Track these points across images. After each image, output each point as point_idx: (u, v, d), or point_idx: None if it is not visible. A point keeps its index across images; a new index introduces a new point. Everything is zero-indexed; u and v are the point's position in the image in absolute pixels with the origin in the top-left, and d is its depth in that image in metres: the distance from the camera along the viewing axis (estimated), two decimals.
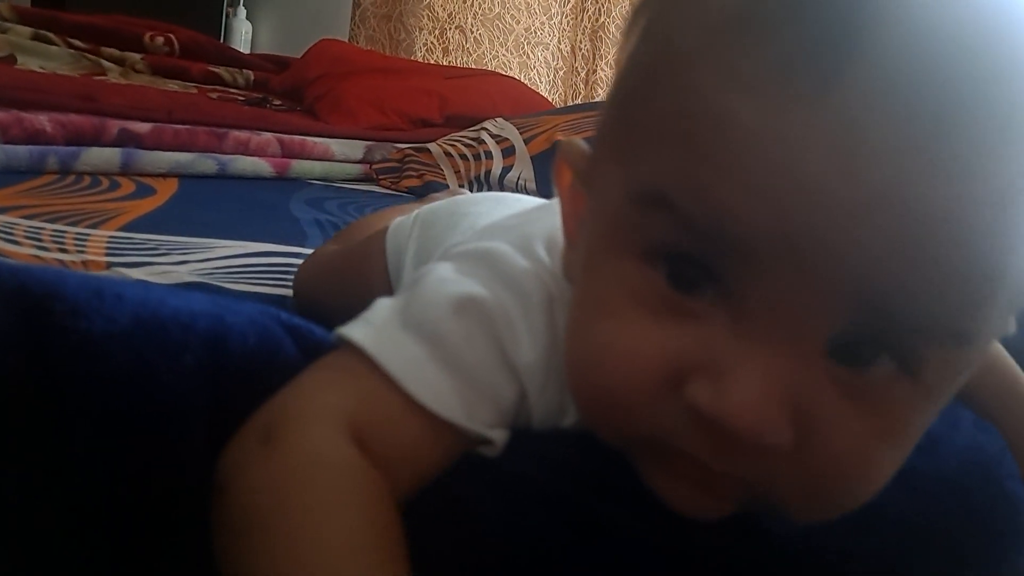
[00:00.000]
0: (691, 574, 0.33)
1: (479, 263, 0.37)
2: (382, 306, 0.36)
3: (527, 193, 1.41)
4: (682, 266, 0.28)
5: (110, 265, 0.77)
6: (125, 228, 0.90)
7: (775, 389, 0.26)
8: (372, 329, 0.35)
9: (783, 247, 0.25)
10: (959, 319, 0.26)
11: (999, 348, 0.46)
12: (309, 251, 0.94)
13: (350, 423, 0.32)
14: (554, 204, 0.43)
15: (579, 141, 0.36)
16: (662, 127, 0.28)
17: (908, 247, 0.24)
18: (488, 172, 1.44)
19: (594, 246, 0.32)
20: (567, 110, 1.66)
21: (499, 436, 0.34)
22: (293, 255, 0.92)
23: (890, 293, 0.25)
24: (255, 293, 0.77)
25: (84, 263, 0.77)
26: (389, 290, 0.65)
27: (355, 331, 0.34)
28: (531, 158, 1.45)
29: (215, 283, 0.77)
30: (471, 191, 1.44)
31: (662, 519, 0.33)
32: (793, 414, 0.27)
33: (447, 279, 0.36)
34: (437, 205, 0.68)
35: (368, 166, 1.52)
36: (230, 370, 0.34)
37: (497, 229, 0.42)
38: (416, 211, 0.69)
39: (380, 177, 1.51)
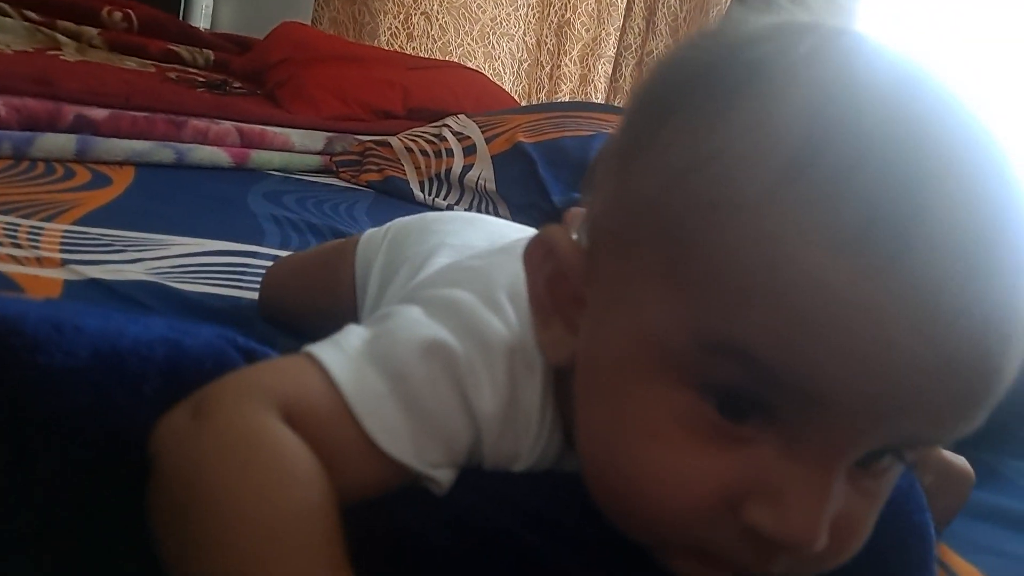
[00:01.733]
0: None
1: (447, 313, 0.38)
2: (353, 333, 0.38)
3: (486, 193, 1.42)
4: (737, 399, 0.29)
5: (65, 262, 0.77)
6: (80, 222, 0.89)
7: (825, 507, 0.29)
8: (342, 355, 0.36)
9: (862, 400, 0.28)
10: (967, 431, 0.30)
11: None
12: (266, 250, 0.95)
13: (283, 406, 0.33)
14: (517, 249, 0.44)
15: (564, 231, 0.37)
16: (734, 276, 0.28)
17: (964, 398, 0.28)
18: (448, 170, 1.45)
19: (622, 363, 0.32)
20: (529, 109, 1.68)
21: (445, 476, 0.36)
22: (250, 254, 0.92)
23: (937, 426, 0.29)
24: (211, 294, 0.78)
25: (39, 259, 0.77)
26: (353, 300, 0.67)
27: (325, 353, 0.36)
28: (492, 158, 1.46)
29: (170, 284, 0.77)
30: (431, 189, 1.45)
31: (596, 558, 0.36)
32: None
33: (418, 321, 0.38)
34: (409, 220, 0.70)
35: (328, 158, 1.52)
36: (187, 395, 0.35)
37: (461, 273, 0.44)
38: (388, 226, 0.70)
39: (340, 169, 1.51)
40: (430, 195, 1.44)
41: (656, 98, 0.34)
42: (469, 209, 1.41)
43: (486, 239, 0.62)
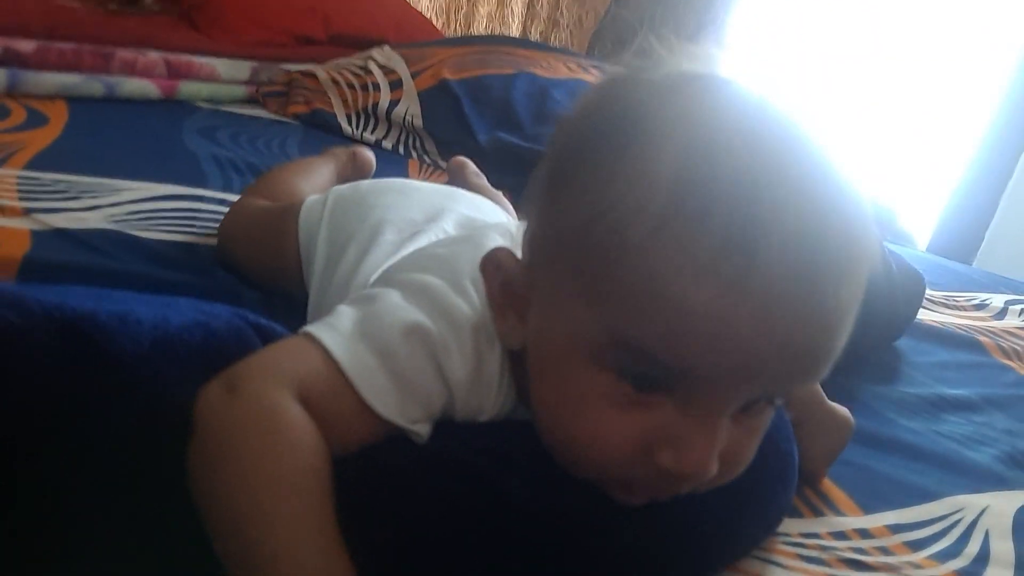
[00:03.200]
0: (561, 532, 0.47)
1: (420, 296, 0.48)
2: (344, 315, 0.47)
3: (413, 129, 1.48)
4: (644, 379, 0.41)
5: (27, 211, 0.82)
6: (30, 166, 0.93)
7: (713, 447, 0.41)
8: (337, 336, 0.45)
9: (726, 376, 0.39)
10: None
11: None
12: (211, 193, 1.00)
13: (298, 387, 0.43)
14: (475, 239, 0.54)
15: (508, 252, 0.47)
16: (632, 297, 0.38)
17: (800, 366, 0.40)
18: (376, 104, 1.50)
19: (561, 353, 0.43)
20: (452, 42, 1.72)
21: (424, 429, 0.46)
22: (196, 198, 0.98)
23: (786, 384, 0.42)
24: (168, 241, 0.84)
25: (1, 208, 0.81)
26: (299, 265, 0.75)
27: (323, 335, 0.45)
28: (418, 94, 1.51)
29: (129, 231, 0.83)
30: (359, 123, 1.50)
31: (546, 487, 0.47)
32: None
33: (400, 306, 0.47)
34: (344, 191, 0.77)
35: (255, 88, 1.54)
36: (217, 367, 0.44)
37: (430, 260, 0.53)
38: (326, 195, 0.78)
39: (267, 100, 1.53)
40: (358, 128, 1.49)
41: (571, 146, 0.44)
42: (396, 144, 1.47)
43: (420, 212, 0.72)
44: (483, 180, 1.09)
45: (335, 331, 0.46)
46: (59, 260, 0.72)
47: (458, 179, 1.10)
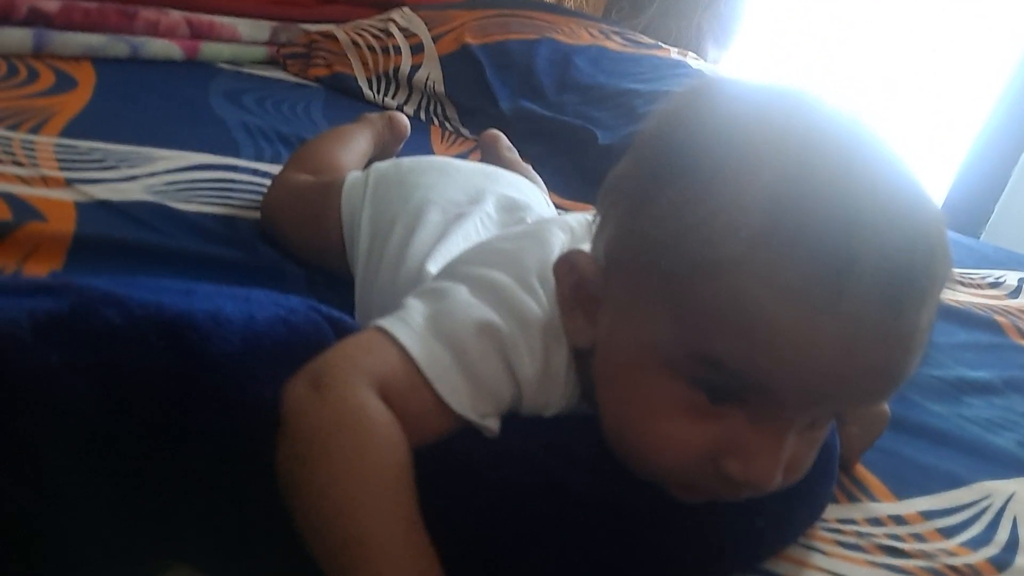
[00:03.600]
0: (620, 524, 0.48)
1: (489, 293, 0.49)
2: (415, 310, 0.48)
3: (435, 95, 1.47)
4: (720, 391, 0.42)
5: (69, 182, 0.82)
6: (65, 133, 0.92)
7: (780, 460, 0.42)
8: (412, 332, 0.47)
9: (804, 395, 0.41)
10: None
11: None
12: (243, 163, 1.00)
13: (379, 384, 0.44)
14: (538, 235, 0.55)
15: (584, 254, 0.47)
16: (719, 313, 0.39)
17: (877, 387, 0.42)
18: (397, 68, 1.49)
19: (635, 357, 0.44)
20: (472, 5, 1.69)
21: (494, 424, 0.48)
22: (230, 168, 0.98)
23: (859, 404, 0.45)
24: (209, 214, 0.84)
25: (44, 179, 0.81)
26: (341, 243, 0.76)
27: (399, 331, 0.46)
28: (440, 58, 1.50)
29: (170, 203, 0.83)
30: (380, 87, 1.49)
31: (607, 481, 0.48)
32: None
33: (470, 304, 0.48)
34: (386, 169, 0.78)
35: (276, 49, 1.52)
36: (300, 362, 0.45)
37: (496, 255, 0.54)
38: (368, 172, 0.78)
39: (288, 61, 1.51)
40: (379, 93, 1.48)
41: (661, 158, 0.44)
42: (417, 111, 1.46)
43: (462, 192, 0.73)
44: (515, 155, 1.09)
45: (408, 327, 0.47)
46: (108, 235, 0.73)
47: (491, 152, 1.10)
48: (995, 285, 1.36)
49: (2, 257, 0.66)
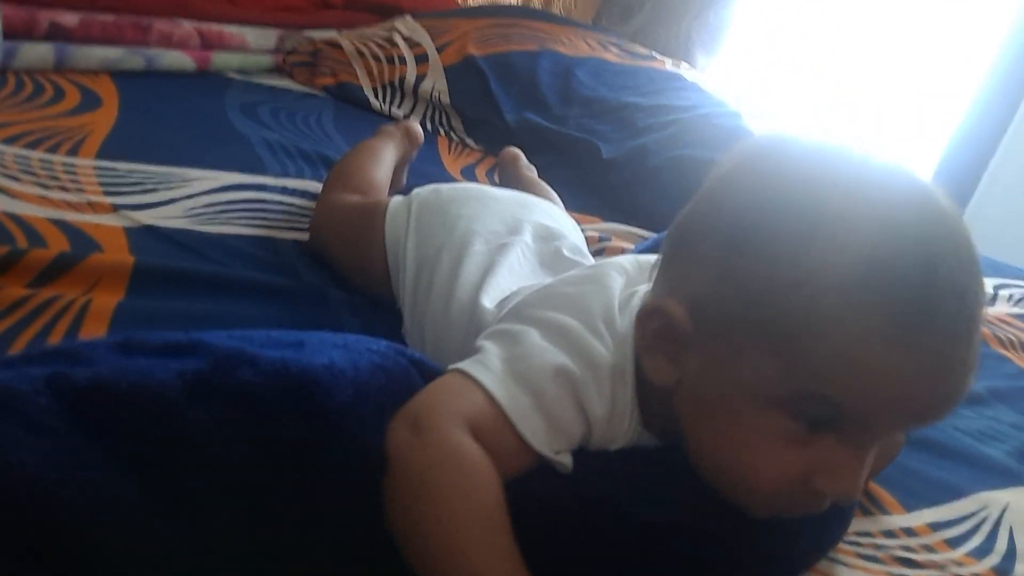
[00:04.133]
0: (681, 545, 0.54)
1: (559, 337, 0.54)
2: (492, 354, 0.53)
3: (440, 105, 1.51)
4: (819, 421, 0.48)
5: (115, 207, 0.84)
6: (102, 155, 0.95)
7: (863, 474, 0.49)
8: (493, 376, 0.51)
9: (893, 420, 0.48)
10: None
11: None
12: (271, 181, 1.03)
13: (470, 426, 0.49)
14: (599, 279, 0.59)
15: (674, 303, 0.51)
16: (825, 358, 0.45)
17: (948, 408, 0.48)
18: (402, 79, 1.52)
19: (732, 394, 0.49)
20: (471, 13, 1.73)
21: (567, 459, 0.52)
22: (259, 187, 1.01)
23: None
24: (251, 237, 0.88)
25: (90, 204, 0.84)
26: (386, 270, 0.80)
27: (481, 376, 0.51)
28: (444, 69, 1.53)
29: (212, 229, 0.86)
30: (385, 96, 1.52)
31: (667, 506, 0.53)
32: None
33: (544, 348, 0.53)
34: (426, 197, 0.83)
35: (281, 57, 1.54)
36: (396, 406, 0.49)
37: (560, 299, 0.58)
38: (410, 199, 0.82)
39: (294, 69, 1.53)
40: (385, 103, 1.51)
41: (750, 218, 0.49)
42: (423, 121, 1.49)
43: (501, 223, 0.78)
44: (534, 173, 1.13)
45: (489, 371, 0.52)
46: (164, 265, 0.75)
47: (508, 171, 1.14)
48: None
49: (69, 288, 0.69)
